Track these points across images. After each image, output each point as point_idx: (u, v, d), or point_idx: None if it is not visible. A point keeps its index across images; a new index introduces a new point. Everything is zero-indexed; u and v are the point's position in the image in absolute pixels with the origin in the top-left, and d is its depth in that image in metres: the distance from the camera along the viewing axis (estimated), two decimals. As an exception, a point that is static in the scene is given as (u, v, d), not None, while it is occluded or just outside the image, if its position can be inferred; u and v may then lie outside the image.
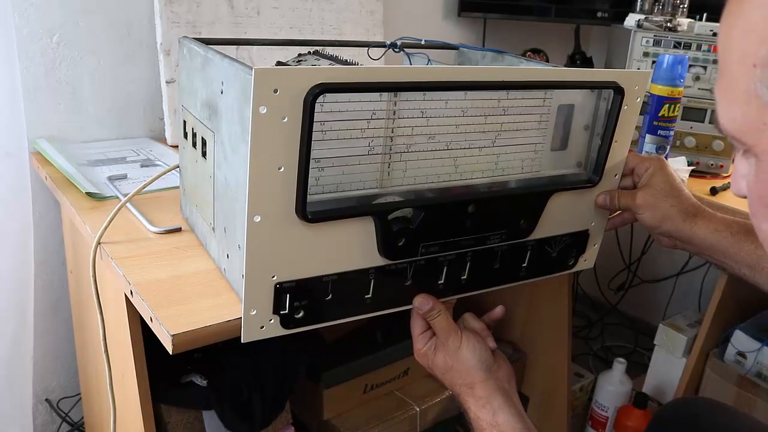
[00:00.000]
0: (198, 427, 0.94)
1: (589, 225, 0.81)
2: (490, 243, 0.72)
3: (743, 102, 0.40)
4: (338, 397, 1.14)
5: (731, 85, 0.41)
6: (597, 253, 0.85)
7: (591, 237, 0.82)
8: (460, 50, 0.96)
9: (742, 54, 0.40)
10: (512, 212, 0.73)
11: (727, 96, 0.42)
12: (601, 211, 0.81)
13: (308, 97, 0.53)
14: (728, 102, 0.42)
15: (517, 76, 0.66)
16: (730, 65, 0.41)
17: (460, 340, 0.71)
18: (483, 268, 0.74)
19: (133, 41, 1.15)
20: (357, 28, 1.33)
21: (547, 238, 0.78)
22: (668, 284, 1.92)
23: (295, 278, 0.61)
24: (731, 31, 0.40)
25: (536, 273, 0.80)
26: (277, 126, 0.54)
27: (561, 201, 0.76)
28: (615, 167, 0.78)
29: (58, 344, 1.21)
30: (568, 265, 0.82)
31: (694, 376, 1.27)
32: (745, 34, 0.39)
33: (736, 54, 0.40)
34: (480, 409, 0.69)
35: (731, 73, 0.41)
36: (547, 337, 1.33)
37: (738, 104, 0.41)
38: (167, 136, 1.16)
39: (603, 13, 1.63)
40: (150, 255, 0.74)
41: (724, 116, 0.43)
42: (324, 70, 0.54)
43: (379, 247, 0.65)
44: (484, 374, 0.70)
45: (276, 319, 0.62)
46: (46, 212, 1.13)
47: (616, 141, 0.75)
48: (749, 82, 0.39)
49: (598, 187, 0.78)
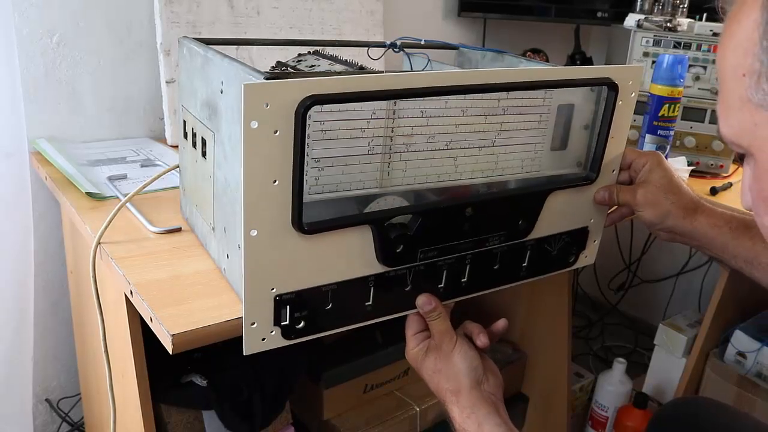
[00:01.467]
0: (198, 427, 0.94)
1: (588, 221, 0.81)
2: (489, 245, 0.72)
3: (737, 108, 0.46)
4: (338, 397, 1.14)
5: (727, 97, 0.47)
6: (597, 249, 0.85)
7: (591, 233, 0.82)
8: (460, 50, 0.96)
9: (733, 67, 0.46)
10: (510, 213, 0.72)
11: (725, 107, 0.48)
12: (599, 207, 0.81)
13: (299, 109, 0.53)
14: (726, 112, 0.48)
15: (511, 77, 0.66)
16: (725, 81, 0.47)
17: (454, 344, 0.70)
18: (483, 269, 0.74)
19: (133, 41, 1.15)
20: (357, 28, 1.33)
21: (546, 237, 0.77)
22: (668, 284, 1.92)
23: (294, 290, 0.61)
24: (725, 51, 0.47)
25: (537, 272, 0.80)
26: (269, 140, 0.54)
27: (559, 199, 0.76)
28: (612, 163, 0.78)
29: (58, 344, 1.21)
30: (568, 262, 0.82)
31: (694, 376, 1.27)
32: (734, 49, 0.46)
33: (729, 69, 0.47)
34: (465, 420, 0.68)
35: (726, 86, 0.47)
36: (547, 337, 1.33)
37: (734, 111, 0.47)
38: (167, 136, 1.16)
39: (603, 13, 1.63)
40: (150, 255, 0.74)
41: (724, 126, 0.48)
42: (314, 81, 0.54)
43: (378, 254, 0.64)
44: (471, 382, 0.69)
45: (277, 331, 0.62)
46: (46, 212, 1.13)
47: (612, 137, 0.75)
48: (741, 90, 0.46)
49: (595, 183, 0.78)
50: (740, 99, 0.46)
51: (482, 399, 0.69)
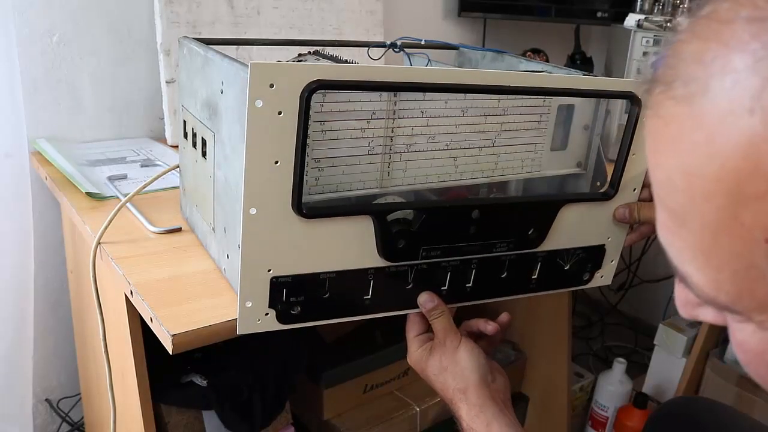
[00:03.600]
0: (198, 427, 0.94)
1: (605, 240, 0.78)
2: (496, 251, 0.70)
3: (734, 270, 0.29)
4: (338, 397, 1.14)
5: (717, 251, 0.29)
6: (615, 270, 0.81)
7: (607, 252, 0.79)
8: (460, 50, 0.96)
9: (747, 229, 0.28)
10: (520, 220, 0.70)
11: (706, 260, 0.30)
12: (619, 226, 0.77)
13: (304, 92, 0.53)
14: (708, 266, 0.30)
15: (528, 82, 0.64)
16: (717, 234, 0.29)
17: (459, 341, 0.69)
18: (489, 276, 0.72)
19: (133, 41, 1.15)
20: (357, 28, 1.33)
21: (559, 251, 0.75)
22: (668, 284, 1.91)
23: (291, 273, 0.61)
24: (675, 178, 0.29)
25: (548, 286, 0.77)
26: (273, 120, 0.54)
27: (574, 213, 0.73)
28: (633, 180, 0.74)
29: (58, 344, 1.21)
30: (582, 280, 0.79)
31: (694, 376, 1.27)
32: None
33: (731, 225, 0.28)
34: (473, 419, 0.66)
35: (719, 240, 0.29)
36: (547, 337, 1.33)
37: (728, 268, 0.30)
38: (167, 136, 1.16)
39: (603, 13, 1.63)
40: (150, 255, 0.74)
41: (703, 281, 0.31)
42: (321, 66, 0.54)
43: (379, 247, 0.64)
44: (479, 378, 0.68)
45: (272, 314, 0.62)
46: (46, 212, 1.13)
47: (633, 154, 0.71)
48: (756, 257, 0.28)
49: (614, 200, 0.75)
50: (746, 262, 0.28)
51: (491, 398, 0.67)
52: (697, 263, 0.31)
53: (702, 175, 0.28)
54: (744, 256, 0.28)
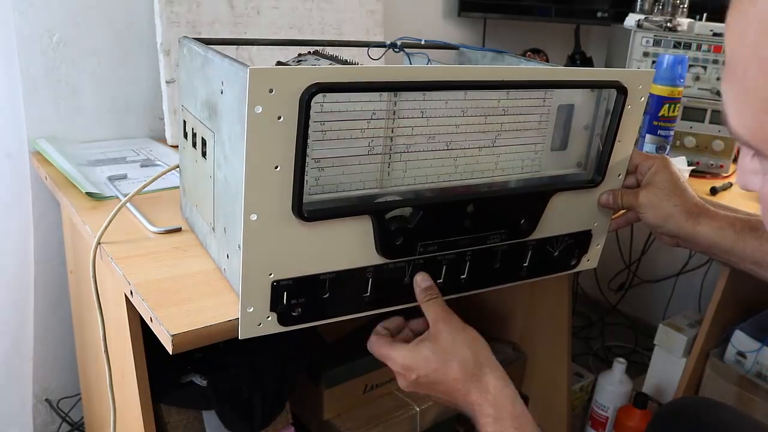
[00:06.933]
0: (198, 427, 0.94)
1: (592, 225, 0.81)
2: (489, 243, 0.72)
3: (759, 109, 0.35)
4: (338, 397, 1.14)
5: (745, 92, 0.36)
6: (600, 254, 0.84)
7: (594, 237, 0.82)
8: (460, 50, 0.96)
9: (760, 60, 0.34)
10: (513, 212, 0.72)
11: (739, 102, 0.37)
12: (604, 210, 0.80)
13: (304, 96, 0.53)
14: (740, 109, 0.37)
15: (519, 75, 0.66)
16: (744, 71, 0.35)
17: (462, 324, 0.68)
18: (483, 267, 0.74)
19: (133, 41, 1.15)
20: (357, 28, 1.33)
21: (548, 238, 0.77)
22: (668, 284, 1.92)
23: (292, 276, 0.61)
24: (747, 31, 0.34)
25: (537, 273, 0.80)
26: (272, 125, 0.54)
27: (562, 201, 0.76)
28: (618, 167, 0.78)
29: (58, 344, 1.21)
30: (570, 264, 0.82)
31: (694, 376, 1.27)
32: (765, 35, 0.33)
33: (752, 60, 0.34)
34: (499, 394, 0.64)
35: (746, 79, 0.35)
36: (547, 337, 1.33)
37: (753, 112, 0.36)
38: (167, 136, 1.16)
39: (603, 13, 1.63)
40: (150, 255, 0.74)
41: (736, 123, 0.38)
42: (320, 69, 0.54)
43: (377, 246, 0.65)
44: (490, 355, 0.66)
45: (273, 317, 0.62)
46: (46, 212, 1.13)
47: (619, 141, 0.74)
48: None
49: (600, 187, 0.78)
50: (765, 100, 0.35)
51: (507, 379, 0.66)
52: (733, 112, 0.37)
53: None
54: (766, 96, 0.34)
